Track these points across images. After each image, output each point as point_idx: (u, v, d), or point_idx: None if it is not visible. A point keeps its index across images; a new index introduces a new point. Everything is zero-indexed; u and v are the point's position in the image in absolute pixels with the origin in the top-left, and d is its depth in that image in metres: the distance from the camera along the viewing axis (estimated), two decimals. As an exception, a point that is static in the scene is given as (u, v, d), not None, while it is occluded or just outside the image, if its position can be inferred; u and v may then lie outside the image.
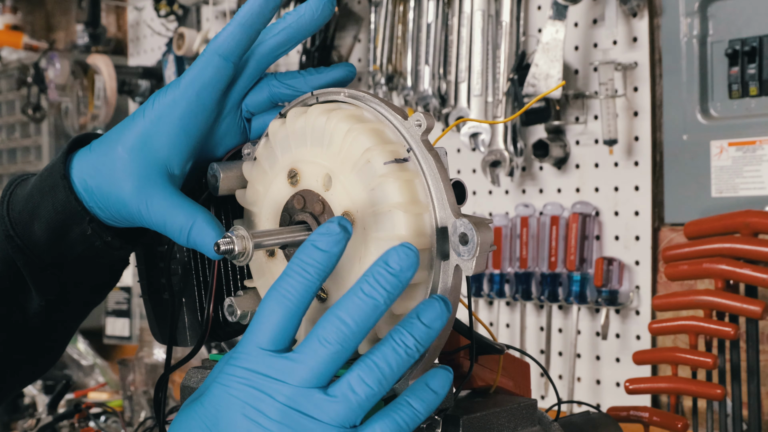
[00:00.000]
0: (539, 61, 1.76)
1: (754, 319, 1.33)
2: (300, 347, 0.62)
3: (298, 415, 0.61)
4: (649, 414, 1.27)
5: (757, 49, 1.59)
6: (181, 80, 0.78)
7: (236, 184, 0.80)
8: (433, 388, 0.64)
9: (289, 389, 0.61)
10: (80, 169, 0.80)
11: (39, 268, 0.82)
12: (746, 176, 1.63)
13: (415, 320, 0.62)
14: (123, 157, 0.77)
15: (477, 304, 2.02)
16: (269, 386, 0.62)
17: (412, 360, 0.63)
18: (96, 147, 0.80)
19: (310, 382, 0.61)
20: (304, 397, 0.61)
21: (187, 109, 0.77)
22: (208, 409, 0.64)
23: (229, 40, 0.77)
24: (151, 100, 0.78)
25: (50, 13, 3.58)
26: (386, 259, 0.62)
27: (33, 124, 3.13)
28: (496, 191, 2.00)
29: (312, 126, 0.72)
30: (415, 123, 0.69)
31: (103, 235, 0.80)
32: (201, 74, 0.77)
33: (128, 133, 0.78)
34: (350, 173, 0.69)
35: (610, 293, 1.77)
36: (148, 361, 2.18)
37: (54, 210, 0.79)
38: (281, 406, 0.61)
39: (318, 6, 0.77)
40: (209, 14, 2.68)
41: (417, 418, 0.63)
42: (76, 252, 0.81)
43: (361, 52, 2.26)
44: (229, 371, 0.64)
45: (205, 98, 0.77)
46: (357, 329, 0.62)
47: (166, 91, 0.78)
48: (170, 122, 0.77)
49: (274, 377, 0.62)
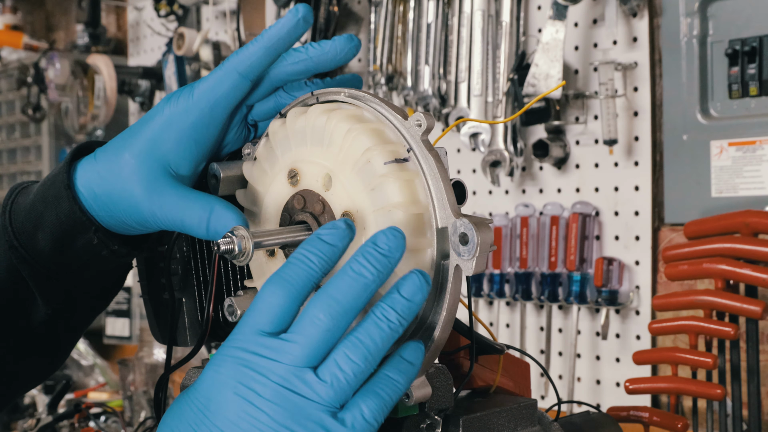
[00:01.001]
0: (539, 61, 1.76)
1: (754, 319, 1.33)
2: (293, 327, 0.63)
3: (290, 395, 0.61)
4: (649, 414, 1.27)
5: (757, 49, 1.59)
6: (194, 89, 0.77)
7: (236, 184, 0.80)
8: (408, 359, 0.65)
9: (282, 368, 0.62)
10: (85, 177, 0.79)
11: (44, 277, 0.81)
12: (746, 176, 1.63)
13: (396, 294, 0.63)
14: (130, 162, 0.77)
15: (477, 304, 2.02)
16: (263, 365, 0.62)
17: (396, 335, 0.63)
18: (101, 155, 0.79)
19: (302, 361, 0.62)
20: (296, 377, 0.62)
21: (199, 119, 0.77)
22: (199, 391, 0.64)
23: (250, 59, 0.77)
24: (160, 107, 0.78)
25: (50, 13, 3.58)
26: (375, 240, 0.63)
27: (33, 124, 3.13)
28: (496, 191, 2.00)
29: (312, 126, 0.72)
30: (416, 123, 0.69)
31: (109, 244, 0.80)
32: (217, 87, 0.77)
33: (136, 140, 0.78)
34: (350, 173, 0.70)
35: (610, 293, 1.77)
36: (148, 361, 2.18)
37: (58, 220, 0.79)
38: (275, 386, 0.62)
39: (343, 48, 0.77)
40: (209, 14, 2.68)
41: (398, 389, 0.64)
42: (81, 261, 0.81)
43: (361, 52, 2.26)
44: (223, 352, 0.64)
45: (217, 111, 0.77)
46: (348, 307, 0.62)
47: (178, 99, 0.77)
48: (180, 129, 0.77)
49: (267, 356, 0.62)
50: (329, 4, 2.15)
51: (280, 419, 0.61)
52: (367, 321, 0.63)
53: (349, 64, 2.26)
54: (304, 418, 0.61)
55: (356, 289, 0.63)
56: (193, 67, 2.59)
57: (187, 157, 0.77)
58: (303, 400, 0.61)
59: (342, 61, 0.78)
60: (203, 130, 0.77)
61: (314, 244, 0.64)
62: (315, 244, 0.64)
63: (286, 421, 0.61)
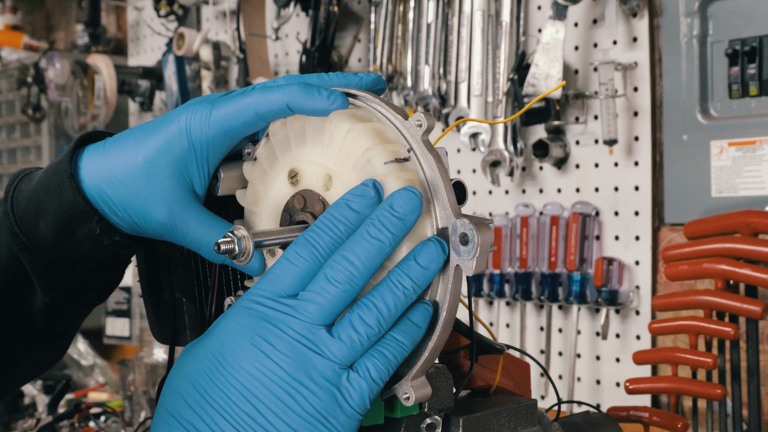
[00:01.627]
0: (539, 61, 1.76)
1: (754, 319, 1.33)
2: (310, 286, 0.65)
3: (305, 350, 0.64)
4: (649, 414, 1.27)
5: (757, 49, 1.59)
6: (220, 107, 0.76)
7: (236, 184, 0.80)
8: (415, 321, 0.66)
9: (299, 324, 0.64)
10: (93, 171, 0.79)
11: (44, 265, 0.81)
12: (746, 176, 1.63)
13: (412, 262, 0.65)
14: (153, 173, 0.76)
15: (477, 304, 2.02)
16: (281, 320, 0.64)
17: (409, 300, 0.65)
18: (112, 150, 0.79)
19: (318, 319, 0.64)
20: (312, 333, 0.64)
21: (220, 144, 0.77)
22: (215, 339, 0.66)
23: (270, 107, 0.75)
24: (179, 115, 0.77)
25: (50, 13, 3.58)
26: (391, 202, 0.65)
27: (33, 124, 3.13)
28: (496, 191, 2.00)
29: (312, 126, 0.72)
30: (416, 123, 0.69)
31: (111, 235, 0.80)
32: (235, 118, 0.76)
33: (151, 145, 0.77)
34: (351, 173, 0.69)
35: (610, 293, 1.77)
36: (148, 361, 2.18)
37: (61, 209, 0.79)
38: (291, 340, 0.64)
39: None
40: (209, 14, 2.68)
41: (404, 351, 0.66)
42: (82, 250, 0.81)
43: (361, 52, 2.26)
44: (242, 304, 0.66)
45: (234, 137, 0.77)
46: (364, 270, 0.65)
47: (201, 113, 0.76)
48: (201, 149, 0.76)
49: (286, 312, 0.65)
50: (329, 4, 2.15)
51: (293, 372, 0.63)
52: (382, 286, 0.65)
53: (350, 64, 2.26)
54: (316, 374, 0.63)
55: (372, 252, 0.65)
56: (193, 67, 2.60)
57: (205, 175, 0.78)
58: (316, 357, 0.64)
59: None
60: (222, 152, 0.78)
61: (341, 211, 0.66)
62: (342, 211, 0.66)
63: (298, 374, 0.63)
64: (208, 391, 0.64)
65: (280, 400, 0.63)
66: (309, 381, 0.63)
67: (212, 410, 0.64)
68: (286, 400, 0.63)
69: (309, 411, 0.63)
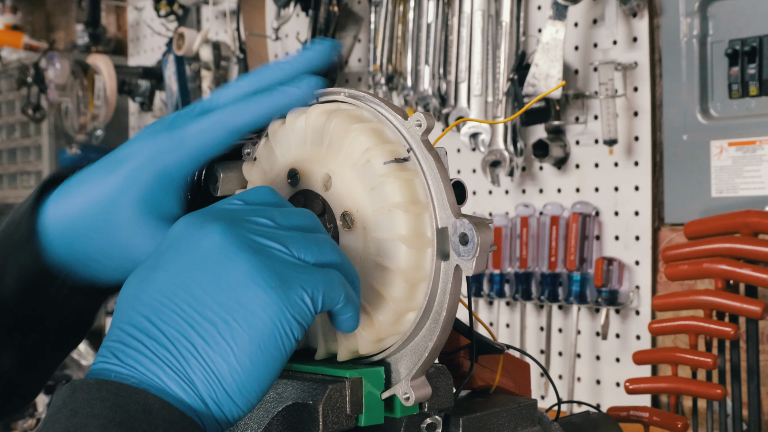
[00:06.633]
0: (539, 61, 1.76)
1: (754, 319, 1.33)
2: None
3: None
4: (649, 414, 1.27)
5: (757, 49, 1.59)
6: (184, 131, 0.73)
7: (236, 184, 0.80)
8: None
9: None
10: (59, 224, 0.73)
11: (7, 328, 0.76)
12: (746, 176, 1.63)
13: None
14: (131, 220, 0.71)
15: (477, 304, 2.02)
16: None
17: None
18: (76, 194, 0.73)
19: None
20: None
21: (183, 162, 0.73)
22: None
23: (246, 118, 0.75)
24: (139, 146, 0.72)
25: (50, 13, 3.58)
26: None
27: (33, 124, 3.14)
28: (496, 191, 2.00)
29: (312, 126, 0.72)
30: (415, 123, 0.69)
31: (78, 294, 0.75)
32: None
33: (129, 189, 0.71)
34: (350, 173, 0.69)
35: (610, 293, 1.77)
36: (148, 361, 2.18)
37: (22, 272, 0.73)
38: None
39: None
40: (209, 14, 2.68)
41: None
42: (46, 313, 0.76)
43: (361, 52, 2.26)
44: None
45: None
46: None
47: (161, 136, 0.73)
48: (171, 181, 0.73)
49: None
50: (329, 4, 2.15)
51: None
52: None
53: (350, 64, 2.26)
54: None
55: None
56: (193, 67, 2.60)
57: (181, 204, 0.74)
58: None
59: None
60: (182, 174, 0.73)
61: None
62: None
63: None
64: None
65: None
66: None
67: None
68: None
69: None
